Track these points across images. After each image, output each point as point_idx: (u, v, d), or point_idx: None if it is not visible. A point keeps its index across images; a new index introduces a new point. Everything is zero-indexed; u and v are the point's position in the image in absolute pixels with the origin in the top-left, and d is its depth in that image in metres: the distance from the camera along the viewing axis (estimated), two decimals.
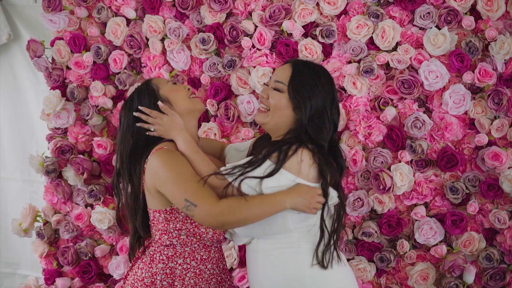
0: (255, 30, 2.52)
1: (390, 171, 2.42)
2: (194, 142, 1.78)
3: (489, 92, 2.37)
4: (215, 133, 2.58)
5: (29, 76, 3.10)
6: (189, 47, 2.61)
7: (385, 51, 2.45)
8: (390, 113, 2.44)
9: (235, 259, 2.57)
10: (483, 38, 2.38)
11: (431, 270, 2.47)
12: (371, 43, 2.47)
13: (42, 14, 2.67)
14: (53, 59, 2.76)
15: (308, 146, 1.68)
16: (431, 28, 2.38)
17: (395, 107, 2.47)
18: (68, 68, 2.75)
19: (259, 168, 1.66)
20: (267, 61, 2.49)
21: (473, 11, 2.39)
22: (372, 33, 2.44)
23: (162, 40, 2.61)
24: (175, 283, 1.79)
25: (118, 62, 2.65)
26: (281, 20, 2.47)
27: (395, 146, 2.45)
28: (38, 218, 2.83)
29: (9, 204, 3.28)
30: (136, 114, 1.80)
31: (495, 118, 2.41)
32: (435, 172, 2.47)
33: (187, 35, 2.60)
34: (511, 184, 2.35)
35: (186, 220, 1.77)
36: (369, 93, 2.49)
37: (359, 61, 2.46)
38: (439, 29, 2.37)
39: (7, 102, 3.20)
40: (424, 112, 2.45)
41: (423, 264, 2.48)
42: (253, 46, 2.53)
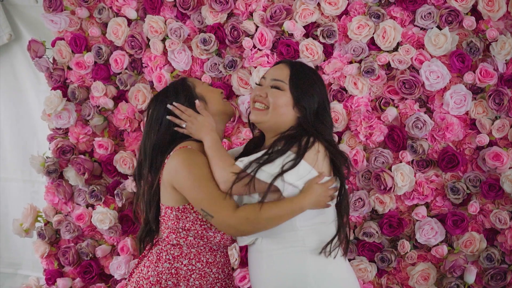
0: (256, 31, 2.52)
1: (391, 171, 2.42)
2: (221, 144, 1.78)
3: (490, 93, 2.37)
4: None
5: (30, 77, 3.10)
6: (190, 48, 2.61)
7: (386, 52, 2.45)
8: (391, 114, 2.44)
9: (236, 259, 2.57)
10: (484, 39, 2.38)
11: (432, 270, 2.47)
12: (372, 44, 2.47)
13: (43, 14, 2.67)
14: (54, 60, 2.76)
15: (322, 139, 1.71)
16: (432, 29, 2.38)
17: (396, 107, 2.47)
18: (69, 69, 2.75)
19: (279, 159, 1.65)
20: (268, 62, 2.49)
21: (474, 12, 2.39)
22: (373, 34, 2.44)
23: (163, 41, 2.61)
24: (180, 284, 1.79)
25: (119, 63, 2.65)
26: (282, 21, 2.47)
27: (396, 146, 2.45)
28: (39, 219, 2.83)
29: (10, 204, 3.28)
30: (171, 107, 1.81)
31: (496, 119, 2.41)
32: (436, 172, 2.47)
33: (188, 36, 2.60)
34: None
35: (196, 222, 1.78)
36: (370, 94, 2.49)
37: (360, 62, 2.46)
38: (440, 30, 2.37)
39: (8, 102, 3.20)
40: (425, 113, 2.45)
41: (424, 264, 2.48)
42: (254, 47, 2.53)
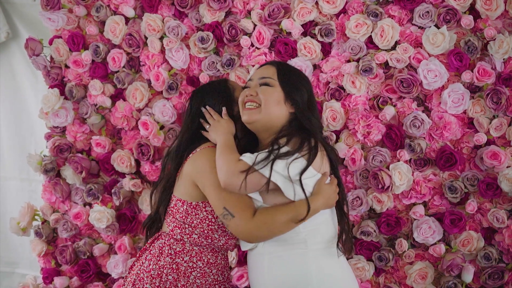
0: (254, 29, 2.51)
1: (389, 170, 2.42)
2: (234, 146, 1.78)
3: (488, 91, 2.37)
4: None
5: (28, 75, 3.10)
6: (188, 46, 2.61)
7: (384, 50, 2.45)
8: (389, 112, 2.44)
9: (234, 258, 2.57)
10: (482, 37, 2.38)
11: (430, 269, 2.47)
12: (370, 42, 2.46)
13: (41, 13, 2.67)
14: (52, 58, 2.75)
15: (319, 138, 1.74)
16: (430, 27, 2.38)
17: (394, 106, 2.47)
18: (67, 67, 2.75)
19: (289, 161, 1.65)
20: (266, 60, 2.48)
21: (472, 10, 2.39)
22: (371, 32, 2.44)
23: (161, 39, 2.61)
24: (180, 279, 1.79)
25: (117, 61, 2.65)
26: (280, 19, 2.47)
27: (394, 145, 2.45)
28: (37, 217, 2.83)
29: (8, 203, 3.28)
30: (203, 111, 1.88)
31: (494, 117, 2.41)
32: (434, 171, 2.47)
33: (186, 34, 2.60)
34: (510, 183, 2.35)
35: (204, 221, 1.78)
36: (368, 92, 2.49)
37: (358, 60, 2.45)
38: (438, 28, 2.37)
39: (6, 101, 3.20)
40: (423, 111, 2.45)
41: (422, 263, 2.48)
42: (252, 45, 2.52)
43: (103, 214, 2.66)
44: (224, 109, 1.87)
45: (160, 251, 1.82)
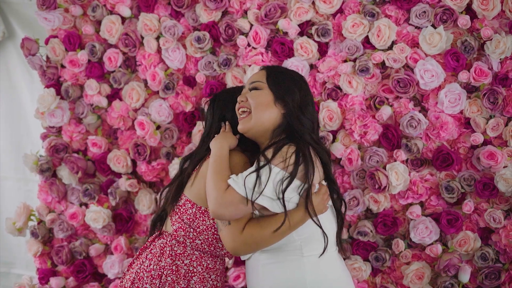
0: (251, 29, 2.51)
1: (386, 170, 2.42)
2: (226, 155, 1.78)
3: (485, 91, 2.37)
4: None
5: (24, 74, 3.10)
6: (184, 46, 2.60)
7: (381, 50, 2.44)
8: (386, 112, 2.44)
9: (231, 259, 2.56)
10: (479, 37, 2.38)
11: (427, 270, 2.47)
12: (367, 42, 2.46)
13: (37, 12, 2.66)
14: (48, 57, 2.75)
15: (311, 140, 1.75)
16: (427, 27, 2.37)
17: (391, 106, 2.47)
18: (63, 67, 2.74)
19: (275, 180, 1.65)
20: (263, 60, 2.48)
21: (469, 10, 2.39)
22: (368, 32, 2.43)
23: (157, 39, 2.61)
24: (179, 281, 1.78)
25: (113, 61, 2.64)
26: (277, 19, 2.46)
27: (391, 145, 2.45)
28: (32, 217, 2.82)
29: (4, 203, 3.27)
30: (222, 125, 1.92)
31: (491, 117, 2.40)
32: (431, 171, 2.47)
33: (182, 34, 2.59)
34: (507, 183, 2.34)
35: (210, 229, 1.79)
36: (365, 92, 2.48)
37: (355, 60, 2.45)
38: (435, 28, 2.37)
39: (2, 100, 3.19)
40: (420, 111, 2.45)
41: (419, 264, 2.47)
42: (249, 45, 2.52)
43: (99, 214, 2.65)
44: (223, 124, 1.92)
45: (161, 251, 1.81)
